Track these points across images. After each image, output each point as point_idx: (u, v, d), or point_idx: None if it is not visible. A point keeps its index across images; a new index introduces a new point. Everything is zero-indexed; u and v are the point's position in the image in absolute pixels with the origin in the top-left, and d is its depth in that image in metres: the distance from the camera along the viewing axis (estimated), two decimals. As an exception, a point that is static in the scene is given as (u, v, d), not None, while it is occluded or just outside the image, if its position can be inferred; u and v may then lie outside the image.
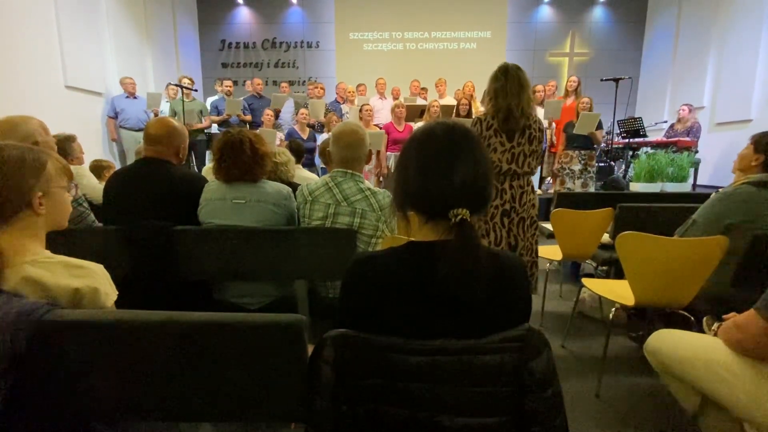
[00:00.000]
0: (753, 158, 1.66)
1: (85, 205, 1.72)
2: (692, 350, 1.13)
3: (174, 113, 5.32)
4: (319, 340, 0.69)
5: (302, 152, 3.30)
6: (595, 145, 4.64)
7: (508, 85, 1.84)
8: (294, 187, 1.78)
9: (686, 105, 5.38)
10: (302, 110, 5.03)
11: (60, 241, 0.93)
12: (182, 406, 0.78)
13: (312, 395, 0.69)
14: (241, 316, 0.74)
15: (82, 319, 0.74)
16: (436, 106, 4.80)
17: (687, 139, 5.10)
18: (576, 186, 4.62)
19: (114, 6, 5.67)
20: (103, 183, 1.82)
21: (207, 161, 5.65)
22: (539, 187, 5.22)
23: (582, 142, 4.56)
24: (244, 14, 8.18)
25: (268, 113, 5.27)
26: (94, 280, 0.84)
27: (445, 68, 7.25)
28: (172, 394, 0.77)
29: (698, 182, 5.36)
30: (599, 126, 4.47)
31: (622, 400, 1.70)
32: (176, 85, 5.26)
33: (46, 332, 0.71)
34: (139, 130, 5.17)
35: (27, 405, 0.72)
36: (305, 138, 4.88)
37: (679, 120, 5.39)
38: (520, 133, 1.87)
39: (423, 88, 5.98)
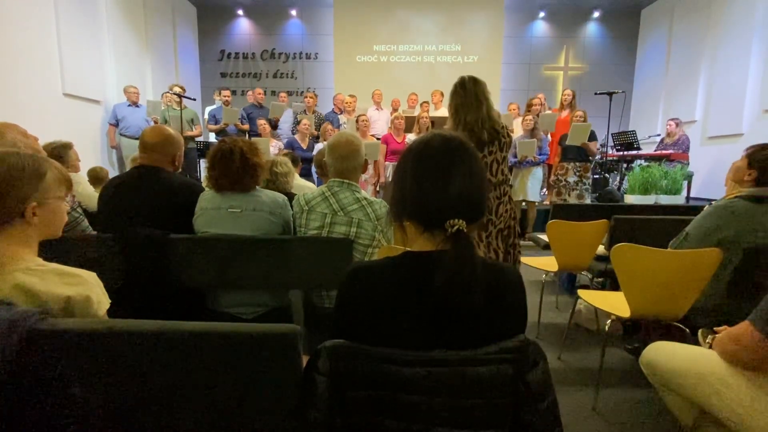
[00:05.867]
0: (746, 172, 1.67)
1: (79, 210, 1.71)
2: (687, 363, 1.13)
3: (165, 121, 5.35)
4: (314, 351, 0.68)
5: (298, 162, 3.32)
6: (590, 157, 4.67)
7: (467, 100, 1.86)
8: (291, 196, 1.78)
9: (672, 120, 5.51)
10: (305, 120, 5.06)
11: (53, 249, 0.92)
12: (173, 417, 0.77)
13: (306, 407, 0.68)
14: (236, 326, 0.74)
15: (74, 328, 0.73)
16: (426, 118, 4.89)
17: (678, 152, 5.20)
18: (571, 198, 4.64)
19: (114, 15, 5.71)
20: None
21: (199, 170, 5.66)
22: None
23: (577, 154, 4.58)
24: (243, 25, 8.27)
25: (261, 122, 5.31)
26: (87, 289, 0.83)
27: (442, 81, 7.32)
28: (163, 405, 0.76)
29: (691, 195, 5.42)
30: (593, 137, 4.49)
31: (619, 413, 1.69)
32: (174, 94, 5.28)
33: (37, 341, 0.70)
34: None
35: (17, 415, 0.71)
36: (305, 148, 4.89)
37: (668, 134, 5.51)
38: (489, 143, 1.88)
39: (425, 102, 6.05)
